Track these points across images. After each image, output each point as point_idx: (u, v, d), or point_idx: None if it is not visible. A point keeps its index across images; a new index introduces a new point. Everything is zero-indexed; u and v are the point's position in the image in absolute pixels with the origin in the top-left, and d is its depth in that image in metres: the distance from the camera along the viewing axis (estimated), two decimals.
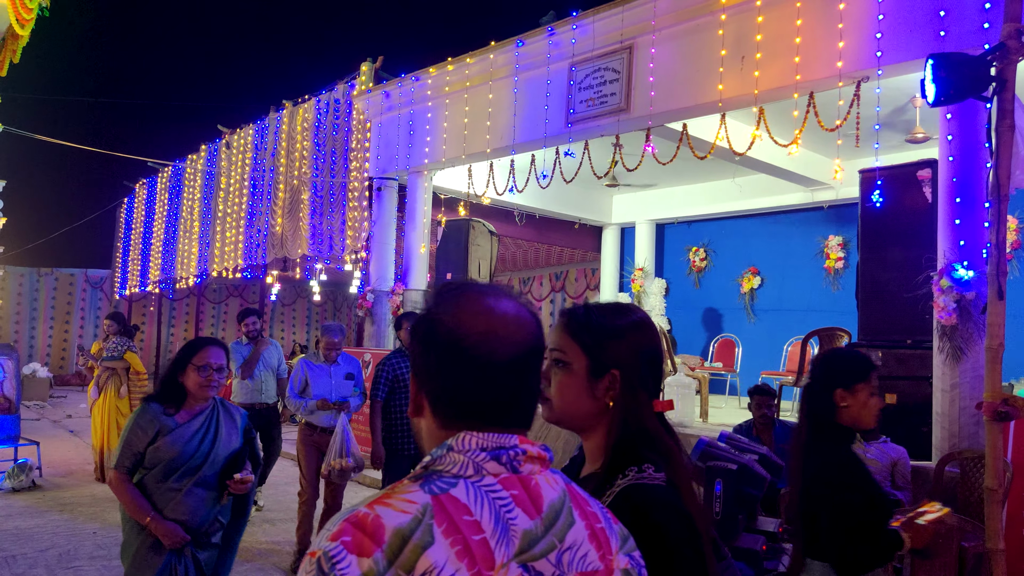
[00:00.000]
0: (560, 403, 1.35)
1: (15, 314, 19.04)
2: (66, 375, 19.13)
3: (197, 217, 15.16)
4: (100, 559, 5.27)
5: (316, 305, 22.48)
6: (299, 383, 5.45)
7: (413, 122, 9.70)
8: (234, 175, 13.85)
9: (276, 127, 12.58)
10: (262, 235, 12.70)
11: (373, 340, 10.22)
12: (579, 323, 1.39)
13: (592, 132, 7.64)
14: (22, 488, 7.22)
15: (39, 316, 19.45)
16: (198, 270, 15.02)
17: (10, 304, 18.79)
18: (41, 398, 14.87)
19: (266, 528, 6.31)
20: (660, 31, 6.91)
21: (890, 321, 5.92)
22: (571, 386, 1.35)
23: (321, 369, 5.51)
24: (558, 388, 1.35)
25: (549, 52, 7.92)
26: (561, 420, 1.38)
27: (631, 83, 7.14)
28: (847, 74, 5.73)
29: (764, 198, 10.82)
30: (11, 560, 5.17)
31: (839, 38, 5.74)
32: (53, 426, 11.68)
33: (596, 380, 1.35)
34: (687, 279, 12.64)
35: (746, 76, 6.29)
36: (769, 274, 11.56)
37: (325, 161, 11.24)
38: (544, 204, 11.44)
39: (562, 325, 1.40)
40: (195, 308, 20.52)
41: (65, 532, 5.89)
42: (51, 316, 19.61)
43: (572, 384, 1.35)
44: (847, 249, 10.41)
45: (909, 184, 5.94)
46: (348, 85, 10.85)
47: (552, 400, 1.36)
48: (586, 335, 1.37)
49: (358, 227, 10.43)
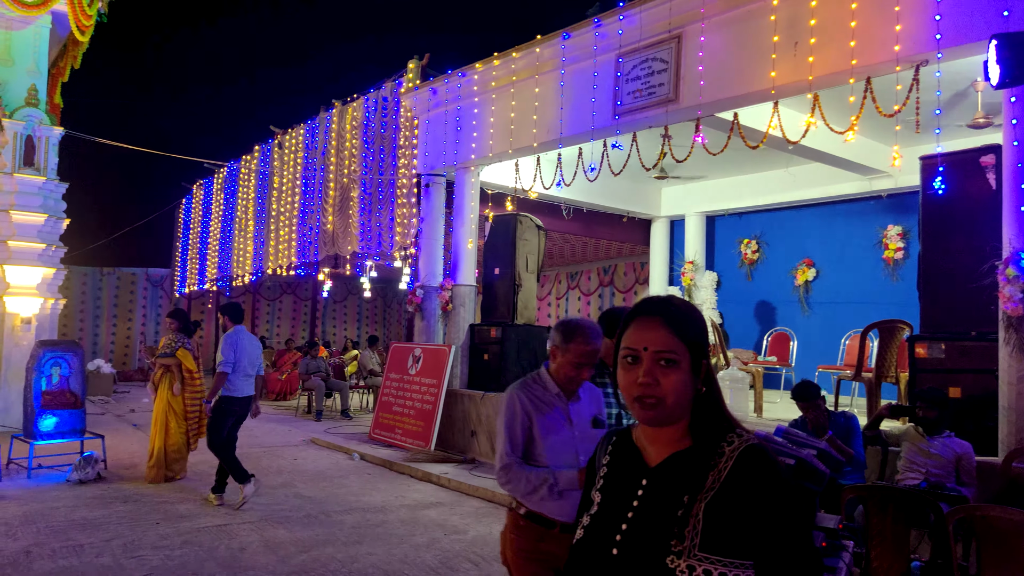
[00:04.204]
0: (674, 400, 1.39)
1: (79, 312, 19.75)
2: (129, 371, 19.78)
3: (252, 216, 15.50)
4: (163, 548, 5.43)
5: (367, 302, 22.79)
6: (521, 434, 2.80)
7: (460, 118, 9.72)
8: (286, 174, 14.11)
9: (326, 126, 12.77)
10: (314, 233, 12.91)
11: (423, 335, 10.30)
12: (680, 322, 1.43)
13: (640, 124, 7.55)
14: (88, 480, 7.48)
15: (102, 314, 20.15)
16: (253, 268, 15.36)
17: (75, 303, 19.48)
18: (105, 393, 15.38)
19: None
20: (709, 19, 6.78)
21: (953, 312, 5.72)
22: (683, 382, 1.40)
23: (554, 411, 2.83)
24: (672, 387, 1.39)
25: (596, 44, 7.85)
26: (669, 416, 1.42)
27: (680, 73, 7.03)
28: (905, 58, 5.54)
29: (819, 188, 10.58)
30: (79, 549, 5.36)
31: (896, 21, 5.55)
32: (117, 420, 12.08)
33: (696, 372, 1.43)
34: (739, 272, 12.43)
35: (799, 62, 6.13)
36: (825, 266, 11.29)
37: (374, 159, 11.36)
38: (592, 198, 11.38)
39: (661, 324, 1.42)
40: (251, 305, 20.98)
41: (129, 522, 6.08)
42: (114, 314, 20.30)
43: (683, 380, 1.40)
44: (907, 239, 10.10)
45: (972, 170, 5.72)
46: (396, 83, 10.94)
47: (665, 398, 1.39)
48: (689, 332, 1.43)
49: (407, 223, 10.52)
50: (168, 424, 7.65)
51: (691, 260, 12.47)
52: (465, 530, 6.16)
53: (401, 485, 7.90)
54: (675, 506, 1.36)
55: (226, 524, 6.12)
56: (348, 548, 5.58)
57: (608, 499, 1.48)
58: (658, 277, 13.26)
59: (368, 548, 5.59)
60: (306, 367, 13.73)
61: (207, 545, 5.55)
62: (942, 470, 4.85)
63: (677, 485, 1.38)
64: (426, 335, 10.27)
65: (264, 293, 21.61)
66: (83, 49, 12.22)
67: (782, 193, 11.09)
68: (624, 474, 1.49)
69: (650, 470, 1.44)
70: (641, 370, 1.40)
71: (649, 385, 1.39)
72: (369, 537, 5.88)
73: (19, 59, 11.26)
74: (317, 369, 13.67)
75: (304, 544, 5.65)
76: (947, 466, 4.85)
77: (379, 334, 22.16)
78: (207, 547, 5.50)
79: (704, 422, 1.44)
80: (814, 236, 11.41)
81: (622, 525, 1.41)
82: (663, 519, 1.36)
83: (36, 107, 11.07)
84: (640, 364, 1.41)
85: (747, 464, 1.36)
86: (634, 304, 1.52)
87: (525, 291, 9.75)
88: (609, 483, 1.51)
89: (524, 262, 9.74)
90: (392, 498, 7.26)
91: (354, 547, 5.61)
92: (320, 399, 13.17)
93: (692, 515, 1.33)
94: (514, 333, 9.40)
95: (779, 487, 1.36)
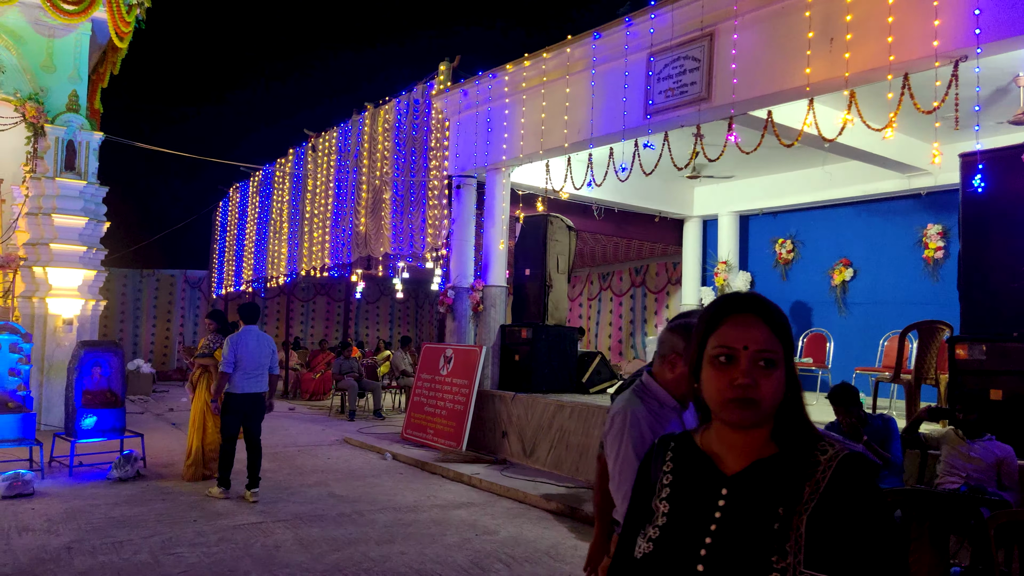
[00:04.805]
0: (771, 403, 1.33)
1: (120, 313, 20.18)
2: (168, 371, 20.17)
3: (286, 218, 15.70)
4: (200, 546, 5.52)
5: (399, 302, 22.94)
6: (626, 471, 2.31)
7: (491, 119, 9.74)
8: (320, 177, 14.27)
9: (358, 129, 12.88)
10: (347, 234, 13.03)
11: (455, 336, 10.34)
12: (777, 320, 1.37)
13: (672, 123, 7.50)
14: (127, 477, 7.63)
15: (142, 315, 20.57)
16: (287, 269, 15.56)
17: (115, 304, 19.92)
18: (144, 393, 15.70)
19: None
20: (742, 16, 6.71)
21: (995, 313, 5.58)
22: (780, 381, 1.34)
23: (671, 427, 2.32)
24: (771, 388, 1.33)
25: (627, 43, 7.81)
26: (765, 418, 1.35)
27: (712, 71, 6.97)
28: (944, 53, 5.42)
29: (856, 186, 10.40)
30: (118, 546, 5.48)
31: (934, 16, 5.44)
32: (156, 419, 12.32)
33: (787, 372, 1.37)
34: (773, 272, 12.27)
35: (835, 59, 6.03)
36: (862, 265, 11.09)
37: (405, 161, 11.43)
38: (623, 198, 11.32)
39: (761, 322, 1.36)
40: (285, 306, 21.26)
41: (168, 520, 6.20)
42: (153, 315, 20.72)
43: (780, 380, 1.34)
44: (947, 238, 9.88)
45: (1013, 167, 5.58)
46: (427, 85, 11.00)
47: (762, 401, 1.32)
48: (785, 331, 1.37)
49: (438, 225, 10.57)
50: (206, 424, 7.79)
51: (724, 260, 12.34)
52: (496, 531, 6.17)
53: (433, 485, 7.93)
54: (769, 519, 1.28)
55: (261, 522, 6.20)
56: (380, 547, 5.62)
57: (680, 510, 1.39)
58: (691, 277, 13.15)
59: (400, 547, 5.63)
60: (339, 367, 13.87)
61: (242, 542, 5.63)
62: (983, 474, 4.73)
63: (766, 496, 1.30)
64: (457, 336, 10.30)
65: (298, 294, 21.88)
66: (122, 55, 12.49)
67: (818, 192, 10.93)
68: (696, 483, 1.40)
69: (729, 479, 1.36)
70: (739, 370, 1.32)
71: (749, 387, 1.31)
72: (401, 536, 5.92)
73: (61, 66, 11.54)
74: (350, 369, 13.80)
75: (337, 542, 5.71)
76: (988, 470, 4.73)
77: (411, 335, 22.31)
78: (243, 544, 5.58)
79: (788, 427, 1.36)
80: (851, 235, 11.21)
81: (705, 539, 1.32)
82: (757, 533, 1.28)
83: (77, 113, 11.33)
84: (736, 364, 1.33)
85: (847, 475, 1.29)
86: (720, 300, 1.43)
87: (556, 292, 9.73)
88: (678, 492, 1.41)
89: (555, 263, 9.72)
90: (424, 498, 7.30)
91: (386, 546, 5.65)
92: (353, 399, 13.30)
93: (793, 529, 1.25)
94: (545, 334, 9.39)
95: (880, 499, 1.30)
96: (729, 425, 1.37)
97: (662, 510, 1.41)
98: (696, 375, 1.42)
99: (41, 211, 11.02)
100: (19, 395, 8.11)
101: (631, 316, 16.21)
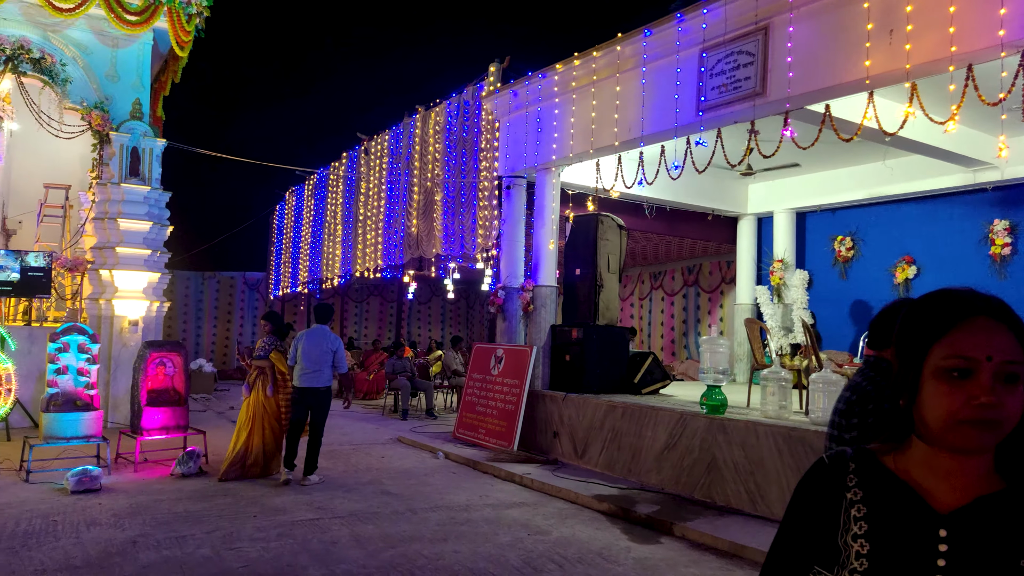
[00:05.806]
0: (1013, 424, 1.12)
1: (183, 314, 20.82)
2: (228, 370, 20.73)
3: (340, 221, 15.98)
4: (260, 541, 5.65)
5: (450, 303, 23.11)
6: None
7: (540, 119, 9.74)
8: (372, 179, 14.47)
9: (410, 131, 13.03)
10: (399, 236, 13.19)
11: (505, 336, 10.37)
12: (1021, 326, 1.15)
13: (725, 119, 7.38)
14: (190, 474, 7.86)
15: (204, 316, 21.19)
16: (342, 271, 15.83)
17: (178, 305, 20.55)
18: (207, 391, 16.15)
19: None
20: (798, 8, 6.57)
21: None
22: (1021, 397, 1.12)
23: None
24: (1018, 407, 1.11)
25: (678, 39, 7.72)
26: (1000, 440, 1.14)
27: (767, 65, 6.84)
28: (1010, 43, 5.22)
29: (919, 181, 10.09)
30: (181, 540, 5.64)
31: (999, 4, 5.23)
32: (217, 417, 12.66)
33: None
34: (832, 270, 11.97)
35: (895, 50, 5.86)
36: (926, 263, 10.74)
37: (456, 162, 11.51)
38: (675, 196, 11.20)
39: (1006, 329, 1.13)
40: (339, 307, 21.63)
41: (228, 515, 6.36)
42: (214, 316, 21.33)
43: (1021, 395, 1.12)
44: (1015, 234, 9.51)
45: None
46: (477, 87, 11.05)
47: (1004, 423, 1.11)
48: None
49: (488, 225, 10.61)
50: (264, 425, 7.93)
51: (780, 258, 12.09)
52: (548, 531, 6.16)
53: (485, 484, 7.97)
54: (1009, 571, 1.10)
55: (318, 519, 6.32)
56: (434, 545, 5.67)
57: (885, 553, 1.16)
58: (745, 276, 12.92)
59: (453, 546, 5.67)
60: (392, 367, 14.03)
61: (301, 538, 5.74)
62: None
63: (998, 543, 1.12)
64: (508, 336, 10.33)
65: (352, 295, 22.23)
66: (183, 63, 12.89)
67: (878, 187, 10.63)
68: (901, 519, 1.17)
69: (945, 518, 1.14)
70: (979, 386, 1.10)
71: (994, 407, 1.09)
72: (454, 535, 5.96)
73: (124, 75, 11.97)
74: (403, 369, 13.95)
75: (392, 540, 5.78)
76: None
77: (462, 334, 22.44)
78: (301, 540, 5.69)
79: (1019, 457, 1.15)
80: (914, 232, 10.87)
81: None
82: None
83: (140, 120, 11.73)
84: (974, 378, 1.11)
85: None
86: (944, 300, 1.18)
87: (607, 292, 9.67)
88: (879, 530, 1.17)
89: (606, 262, 9.66)
90: (476, 497, 7.34)
91: (440, 544, 5.70)
92: (406, 398, 13.44)
93: None
94: (596, 334, 9.34)
95: None
96: (955, 451, 1.15)
97: (857, 550, 1.18)
98: (907, 388, 1.19)
99: (107, 216, 11.43)
100: (87, 394, 8.42)
101: (684, 316, 16.01)
